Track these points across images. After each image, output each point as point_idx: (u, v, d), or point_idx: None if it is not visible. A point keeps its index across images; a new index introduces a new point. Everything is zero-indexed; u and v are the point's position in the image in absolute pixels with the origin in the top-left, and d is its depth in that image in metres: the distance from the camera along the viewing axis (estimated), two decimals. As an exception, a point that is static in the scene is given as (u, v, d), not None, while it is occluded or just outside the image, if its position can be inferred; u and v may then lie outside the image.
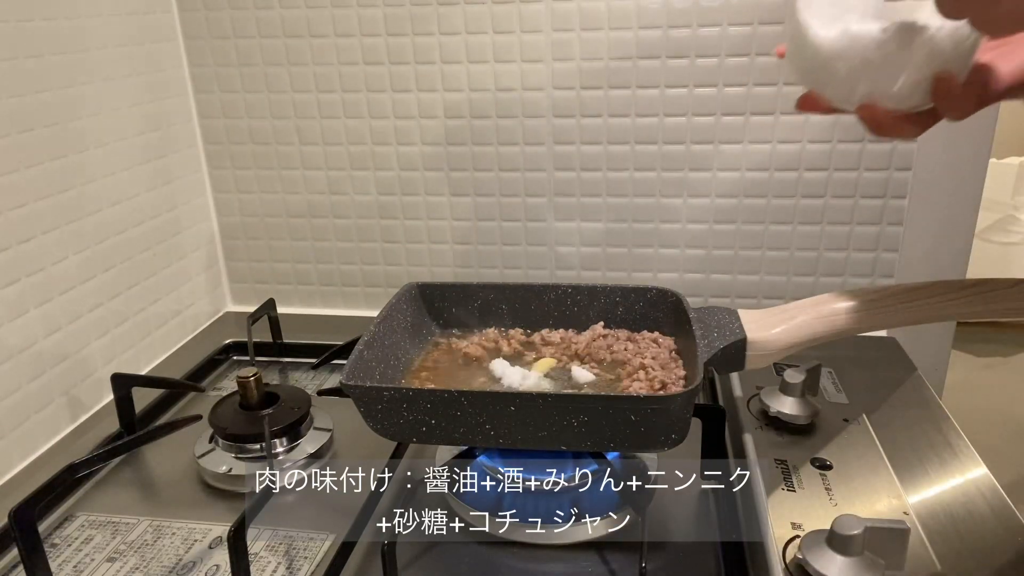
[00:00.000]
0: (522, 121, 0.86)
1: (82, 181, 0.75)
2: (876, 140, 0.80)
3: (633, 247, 0.89)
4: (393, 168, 0.91)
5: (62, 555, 0.58)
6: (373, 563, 0.56)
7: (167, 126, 0.88)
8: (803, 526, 0.53)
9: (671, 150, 0.84)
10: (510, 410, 0.52)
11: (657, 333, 0.66)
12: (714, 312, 0.60)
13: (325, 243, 0.96)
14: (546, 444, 0.54)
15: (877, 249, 0.84)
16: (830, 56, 0.41)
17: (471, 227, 0.92)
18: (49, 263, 0.71)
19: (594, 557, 0.56)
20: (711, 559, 0.55)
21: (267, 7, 0.86)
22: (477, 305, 0.70)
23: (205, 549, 0.58)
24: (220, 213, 0.97)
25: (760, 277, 0.88)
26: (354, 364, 0.57)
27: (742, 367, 0.58)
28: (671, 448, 0.53)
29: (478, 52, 0.84)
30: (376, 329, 0.62)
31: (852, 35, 0.40)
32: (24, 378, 0.69)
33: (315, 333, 0.90)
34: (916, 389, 0.73)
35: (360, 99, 0.89)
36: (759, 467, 0.58)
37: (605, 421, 0.52)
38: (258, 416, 0.68)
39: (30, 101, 0.68)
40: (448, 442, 0.57)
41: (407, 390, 0.57)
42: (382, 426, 0.56)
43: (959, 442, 0.63)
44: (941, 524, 0.53)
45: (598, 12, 0.80)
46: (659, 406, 0.51)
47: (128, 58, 0.81)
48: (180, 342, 0.92)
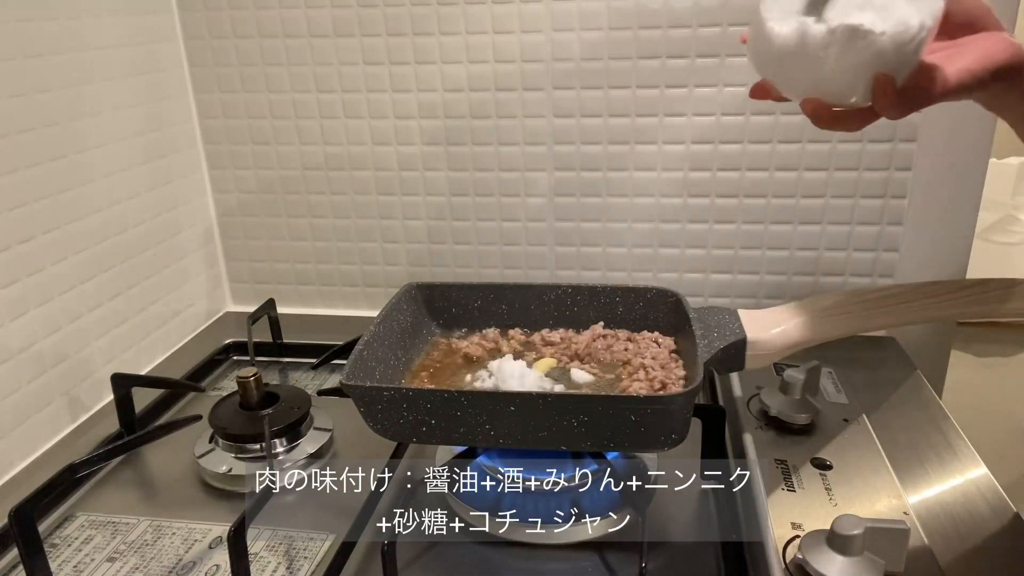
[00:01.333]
0: (522, 121, 0.86)
1: (82, 181, 0.75)
2: (875, 140, 0.80)
3: (633, 247, 0.89)
4: (393, 168, 0.91)
5: (62, 555, 0.58)
6: (373, 563, 0.56)
7: (167, 126, 0.88)
8: (803, 526, 0.53)
9: (671, 150, 0.84)
10: (510, 410, 0.52)
11: (657, 333, 0.66)
12: (714, 312, 0.60)
13: (325, 243, 0.96)
14: (546, 444, 0.54)
15: (877, 249, 0.84)
16: (781, 50, 0.43)
17: (471, 227, 0.92)
18: (49, 263, 0.71)
19: (594, 557, 0.56)
20: (711, 559, 0.55)
21: (267, 7, 0.86)
22: (477, 305, 0.70)
23: (205, 549, 0.58)
24: (220, 213, 0.97)
25: (760, 277, 0.88)
26: (354, 364, 0.57)
27: (742, 367, 0.58)
28: (671, 448, 0.53)
29: (478, 52, 0.84)
30: (376, 329, 0.62)
31: (803, 32, 0.42)
32: (24, 378, 0.69)
33: (315, 333, 0.90)
34: (916, 389, 0.73)
35: (360, 99, 0.89)
36: (759, 467, 0.58)
37: (605, 421, 0.52)
38: (258, 416, 0.68)
39: (30, 101, 0.68)
40: (448, 442, 0.57)
41: (407, 390, 0.57)
42: (382, 426, 0.56)
43: (959, 442, 0.63)
44: (941, 524, 0.53)
45: (598, 12, 0.80)
46: (659, 406, 0.51)
47: (128, 58, 0.81)
48: (180, 342, 0.92)
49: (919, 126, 0.79)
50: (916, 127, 0.79)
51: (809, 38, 0.41)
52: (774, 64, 0.45)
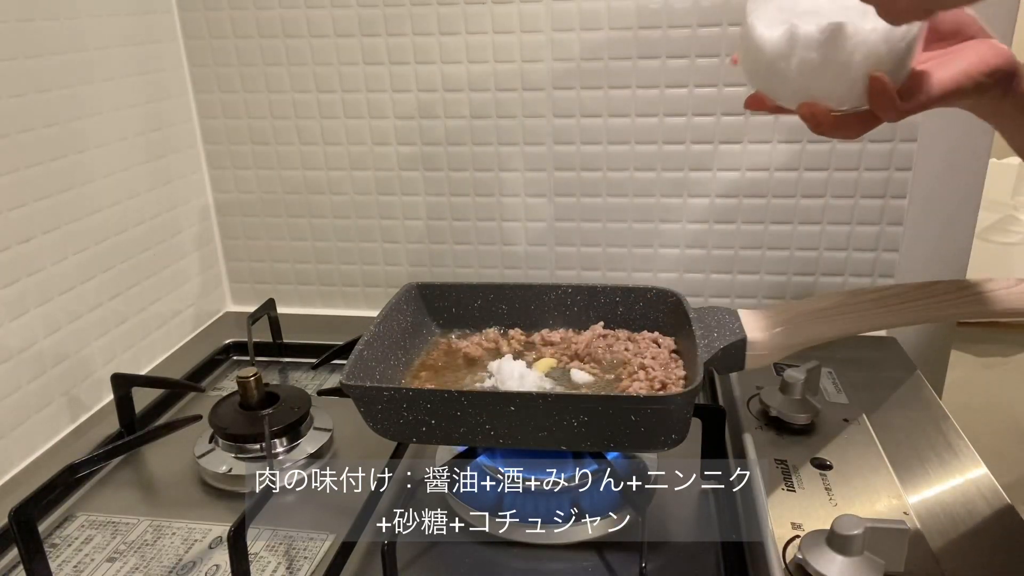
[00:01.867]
0: (522, 121, 0.86)
1: (82, 181, 0.75)
2: (875, 140, 0.80)
3: (633, 247, 0.89)
4: (393, 168, 0.91)
5: (62, 555, 0.58)
6: (373, 563, 0.56)
7: (167, 126, 0.88)
8: (803, 526, 0.53)
9: (671, 150, 0.84)
10: (510, 410, 0.52)
11: (657, 333, 0.66)
12: (714, 312, 0.60)
13: (325, 243, 0.96)
14: (546, 444, 0.54)
15: (877, 249, 0.84)
16: (773, 56, 0.43)
17: (471, 227, 0.92)
18: (49, 263, 0.71)
19: (594, 557, 0.56)
20: (711, 559, 0.55)
21: (267, 7, 0.86)
22: (477, 305, 0.70)
23: (205, 549, 0.58)
24: (220, 213, 0.97)
25: (760, 277, 0.88)
26: (354, 364, 0.57)
27: (742, 367, 0.58)
28: (671, 448, 0.53)
29: (478, 52, 0.84)
30: (376, 329, 0.62)
31: (793, 36, 0.42)
32: (24, 378, 0.69)
33: (315, 333, 0.90)
34: (916, 389, 0.73)
35: (360, 99, 0.88)
36: (759, 467, 0.58)
37: (605, 421, 0.52)
38: (258, 416, 0.68)
39: (30, 101, 0.68)
40: (448, 442, 0.57)
41: (407, 390, 0.57)
42: (382, 426, 0.56)
43: (959, 442, 0.63)
44: (941, 524, 0.53)
45: (598, 12, 0.80)
46: (659, 406, 0.51)
47: (128, 58, 0.81)
48: (180, 342, 0.92)
49: (919, 126, 0.79)
50: (916, 127, 0.79)
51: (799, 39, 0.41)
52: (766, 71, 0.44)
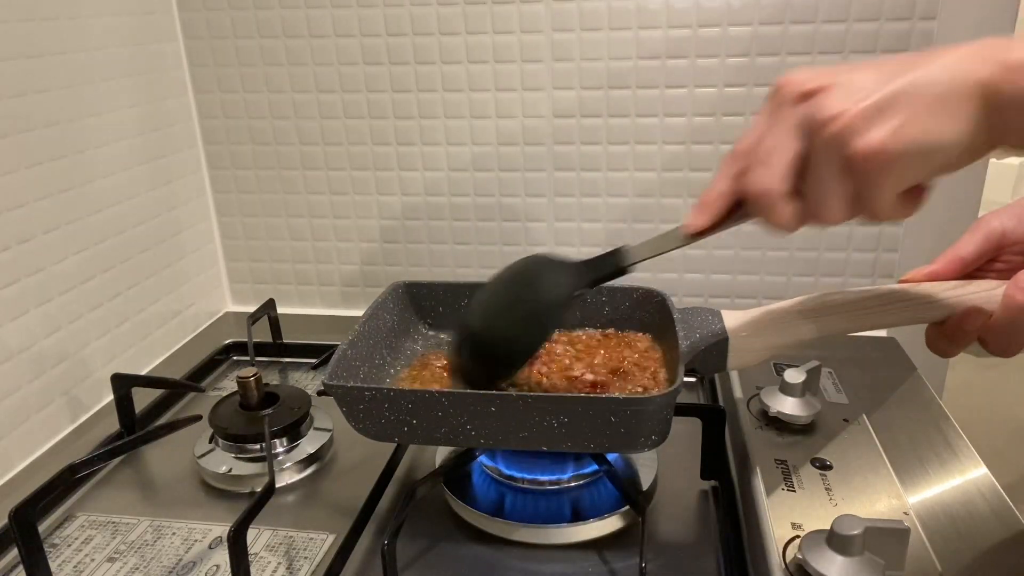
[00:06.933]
0: (522, 121, 0.86)
1: (82, 181, 0.75)
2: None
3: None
4: (393, 168, 0.91)
5: (62, 555, 0.58)
6: (373, 563, 0.56)
7: (167, 126, 0.88)
8: (803, 526, 0.53)
9: (671, 150, 0.84)
10: (491, 410, 0.52)
11: (642, 333, 0.66)
12: (697, 312, 0.59)
13: (325, 243, 0.96)
14: (527, 444, 0.53)
15: (877, 249, 0.84)
16: None
17: (471, 227, 0.92)
18: (49, 263, 0.71)
19: (594, 557, 0.56)
20: (711, 559, 0.55)
21: (267, 7, 0.86)
22: (464, 304, 0.69)
23: (205, 549, 0.58)
24: (220, 213, 0.97)
25: (760, 277, 0.88)
26: (337, 364, 0.56)
27: (724, 368, 0.57)
28: (652, 449, 0.53)
29: (478, 52, 0.84)
30: (361, 328, 0.61)
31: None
32: (24, 378, 0.69)
33: (315, 333, 0.90)
34: (916, 389, 0.73)
35: (360, 99, 0.89)
36: (759, 467, 0.58)
37: (585, 422, 0.51)
38: (258, 416, 0.68)
39: (30, 101, 0.68)
40: (430, 442, 0.57)
41: (388, 390, 0.56)
42: (364, 426, 0.55)
43: (959, 442, 0.63)
44: (941, 524, 0.53)
45: (598, 12, 0.80)
46: (638, 407, 0.51)
47: (128, 58, 0.81)
48: (180, 342, 0.92)
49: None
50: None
51: None
52: None
